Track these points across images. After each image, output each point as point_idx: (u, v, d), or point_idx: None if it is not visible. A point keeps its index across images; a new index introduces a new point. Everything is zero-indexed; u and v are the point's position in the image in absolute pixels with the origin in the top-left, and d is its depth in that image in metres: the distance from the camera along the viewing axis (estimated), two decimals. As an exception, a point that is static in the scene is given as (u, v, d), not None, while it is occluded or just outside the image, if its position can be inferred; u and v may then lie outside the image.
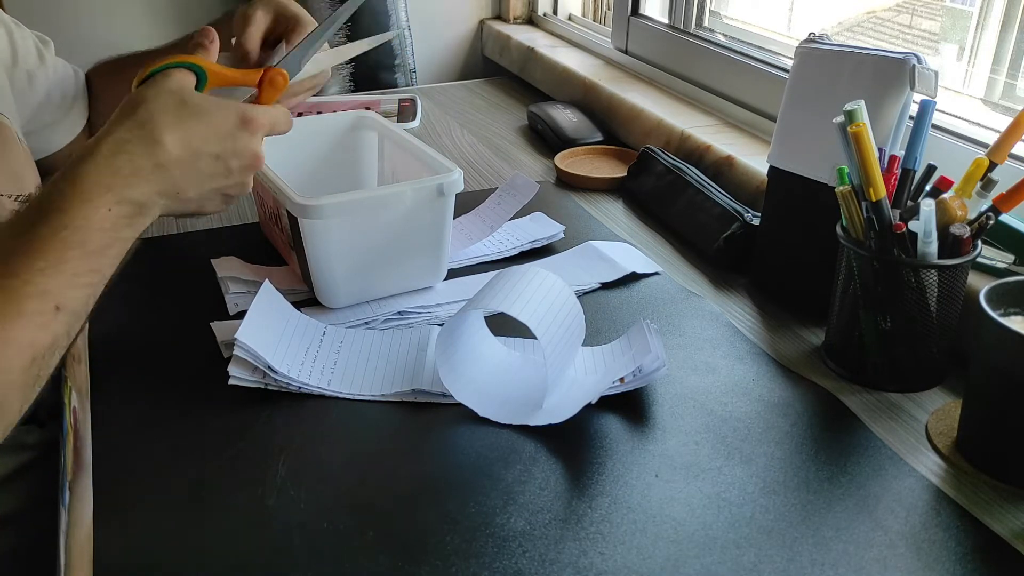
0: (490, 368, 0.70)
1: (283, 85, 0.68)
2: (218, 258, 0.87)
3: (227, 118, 0.62)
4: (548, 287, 0.67)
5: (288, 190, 0.74)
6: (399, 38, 1.50)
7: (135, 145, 0.58)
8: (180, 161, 0.60)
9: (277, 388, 0.68)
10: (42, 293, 0.53)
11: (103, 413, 0.66)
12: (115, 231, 0.57)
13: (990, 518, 0.57)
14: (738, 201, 0.92)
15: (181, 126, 0.60)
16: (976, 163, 0.65)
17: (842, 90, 0.73)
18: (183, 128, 0.60)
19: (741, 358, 0.74)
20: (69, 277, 0.54)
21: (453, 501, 0.58)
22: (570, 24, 1.58)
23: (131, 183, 0.57)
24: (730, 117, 1.14)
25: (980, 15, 0.97)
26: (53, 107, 0.87)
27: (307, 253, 0.75)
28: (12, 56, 0.82)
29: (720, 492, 0.59)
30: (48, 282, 0.53)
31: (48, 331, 0.54)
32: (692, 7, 1.27)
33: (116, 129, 0.59)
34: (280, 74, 0.68)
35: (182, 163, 0.60)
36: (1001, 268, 0.72)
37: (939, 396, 0.69)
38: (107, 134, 0.58)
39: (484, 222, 0.93)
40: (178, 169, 0.60)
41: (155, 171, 0.59)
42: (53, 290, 0.53)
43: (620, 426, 0.65)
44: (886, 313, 0.67)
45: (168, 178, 0.59)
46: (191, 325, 0.76)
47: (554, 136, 1.21)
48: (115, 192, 0.57)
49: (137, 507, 0.58)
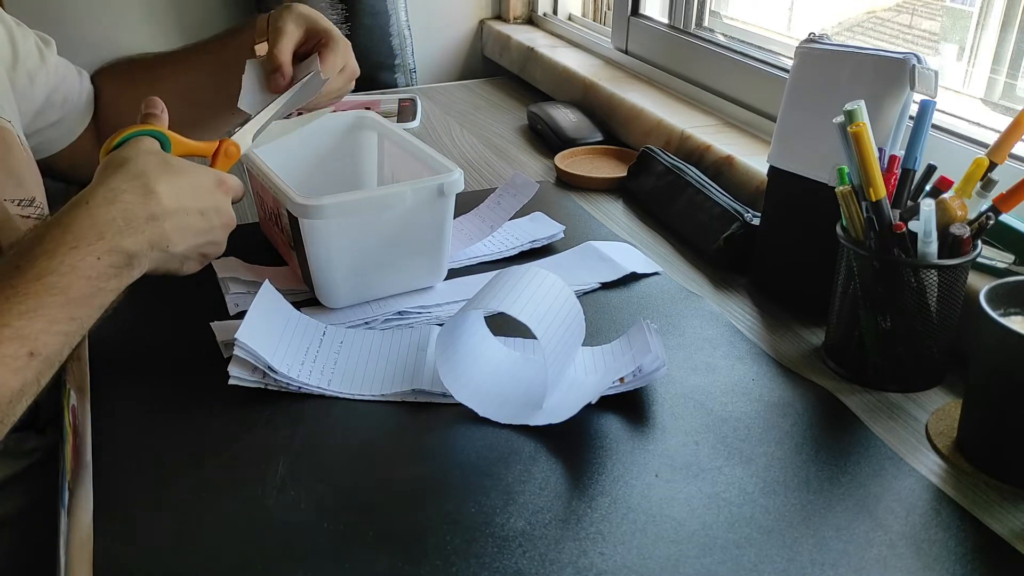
0: (490, 368, 0.70)
1: (236, 155, 0.73)
2: (218, 258, 0.86)
3: (207, 178, 0.65)
4: (548, 287, 0.67)
5: (288, 190, 0.74)
6: (399, 38, 1.50)
7: (131, 195, 0.59)
8: (172, 213, 0.61)
9: (277, 388, 0.68)
10: (18, 338, 0.52)
11: (103, 413, 0.66)
12: (100, 280, 0.57)
13: (990, 518, 0.57)
14: (738, 201, 0.92)
15: (171, 180, 0.61)
16: (976, 163, 0.65)
17: (842, 90, 0.73)
18: (173, 183, 0.61)
19: (741, 358, 0.74)
20: (47, 323, 0.54)
21: (453, 501, 0.58)
22: (570, 24, 1.58)
23: (125, 233, 0.58)
24: (730, 117, 1.14)
25: (980, 15, 0.97)
26: (54, 108, 0.87)
27: (307, 253, 0.75)
28: (13, 56, 0.82)
29: (720, 492, 0.59)
30: (26, 326, 0.53)
31: (19, 376, 0.53)
32: (692, 7, 1.27)
33: (108, 180, 0.59)
34: (233, 144, 0.73)
35: (174, 216, 0.61)
36: (1001, 268, 0.72)
37: (939, 396, 0.69)
38: (99, 184, 0.59)
39: (484, 222, 0.93)
40: (169, 222, 0.61)
41: (149, 222, 0.59)
42: (30, 335, 0.53)
43: (620, 426, 0.65)
44: (886, 313, 0.67)
45: (160, 230, 0.60)
46: (191, 325, 0.76)
47: (554, 136, 1.21)
48: (107, 240, 0.57)
49: (137, 507, 0.58)
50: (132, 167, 0.60)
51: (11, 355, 0.52)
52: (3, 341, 0.52)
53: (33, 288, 0.53)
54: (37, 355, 0.53)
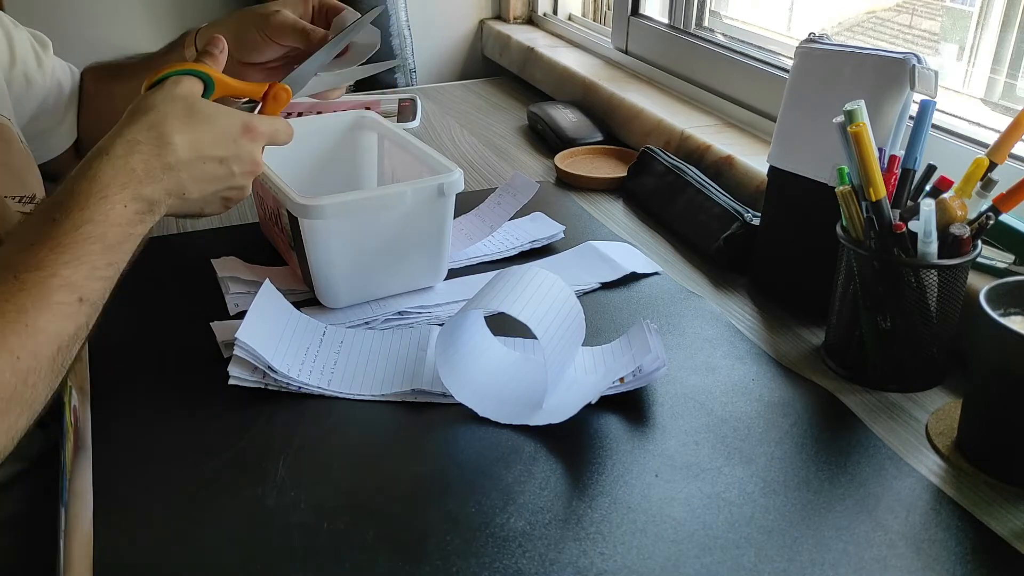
0: (490, 368, 0.70)
1: (286, 100, 0.71)
2: (218, 258, 0.87)
3: (232, 125, 0.65)
4: (548, 287, 0.67)
5: (288, 190, 0.74)
6: (399, 38, 1.50)
7: (147, 146, 0.61)
8: (188, 163, 0.62)
9: (277, 388, 0.68)
10: (68, 285, 0.56)
11: (103, 413, 0.66)
12: (130, 227, 0.60)
13: (990, 518, 0.57)
14: (738, 201, 0.92)
15: (190, 130, 0.62)
16: (976, 163, 0.65)
17: (842, 90, 0.73)
18: (191, 132, 0.62)
19: (741, 358, 0.74)
20: (90, 270, 0.57)
21: (453, 501, 0.58)
22: (570, 24, 1.58)
23: (144, 182, 0.60)
24: (730, 117, 1.14)
25: (980, 15, 0.97)
26: (48, 112, 0.86)
27: (307, 253, 0.75)
28: (10, 58, 0.82)
29: (720, 492, 0.59)
30: (72, 275, 0.56)
31: (72, 321, 0.56)
32: (692, 7, 1.27)
33: (127, 130, 0.61)
34: (284, 89, 0.71)
35: (190, 165, 0.63)
36: (1001, 268, 0.72)
37: (939, 396, 0.69)
38: (119, 135, 0.61)
39: (484, 222, 0.93)
40: (185, 171, 0.62)
41: (165, 171, 0.61)
42: (77, 282, 0.56)
43: (620, 426, 0.65)
44: (886, 313, 0.67)
45: (176, 179, 0.62)
46: (191, 325, 0.76)
47: (554, 136, 1.21)
48: (130, 190, 0.59)
49: (137, 507, 0.58)
50: (153, 115, 0.62)
51: (64, 302, 0.55)
52: (54, 290, 0.55)
53: (72, 238, 0.56)
54: (86, 300, 0.57)
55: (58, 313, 0.55)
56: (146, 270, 0.85)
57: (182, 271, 0.87)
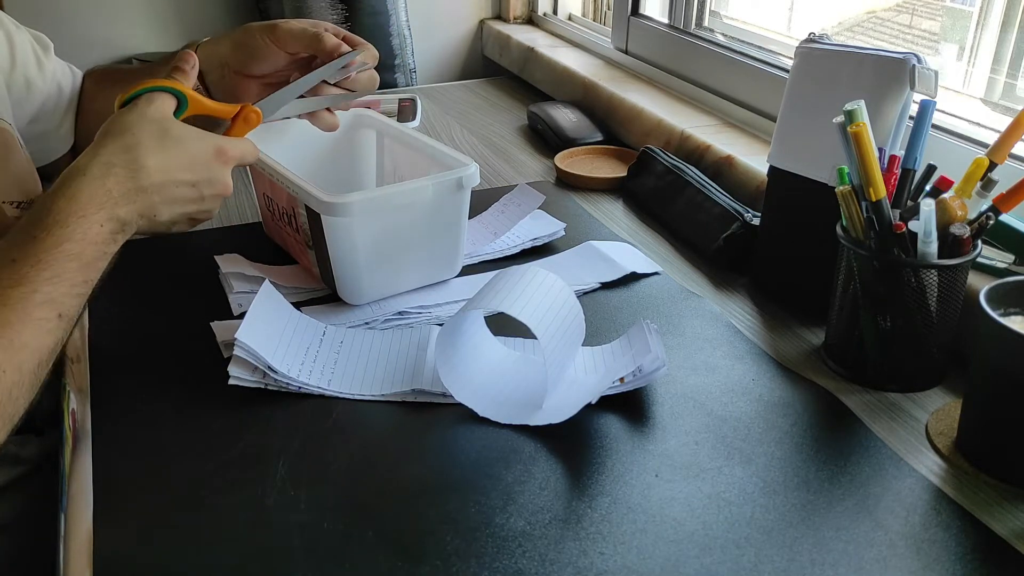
0: (490, 368, 0.70)
1: (256, 122, 0.72)
2: (222, 255, 0.86)
3: (204, 149, 0.66)
4: (548, 287, 0.67)
5: (312, 188, 0.74)
6: (399, 38, 1.50)
7: (121, 169, 0.62)
8: (160, 187, 0.64)
9: (277, 388, 0.68)
10: (49, 302, 0.58)
11: (103, 413, 0.66)
12: (104, 245, 0.62)
13: (990, 518, 0.57)
14: (738, 201, 0.92)
15: (162, 154, 0.64)
16: (976, 163, 0.65)
17: (842, 90, 0.73)
18: (164, 156, 0.64)
19: (741, 358, 0.74)
20: (69, 287, 0.59)
21: (453, 501, 0.58)
22: (570, 24, 1.58)
23: (119, 203, 0.62)
24: (730, 117, 1.14)
25: (980, 15, 0.97)
26: (46, 116, 0.86)
27: (330, 250, 0.76)
28: (11, 61, 0.81)
29: (720, 492, 0.59)
30: (53, 291, 0.58)
31: (53, 336, 0.58)
32: (692, 7, 1.27)
33: (103, 152, 0.63)
34: (255, 111, 0.72)
35: (161, 189, 0.64)
36: (1001, 268, 0.72)
37: (939, 396, 0.69)
38: (95, 155, 0.63)
39: (487, 228, 0.93)
40: (157, 194, 0.64)
41: (139, 194, 0.63)
42: (57, 299, 0.58)
43: (620, 426, 0.65)
44: (886, 313, 0.67)
45: (148, 201, 0.64)
46: (191, 325, 0.76)
47: (554, 136, 1.21)
48: (106, 210, 0.61)
49: (137, 507, 0.58)
50: (128, 138, 0.63)
51: (44, 318, 0.57)
52: (36, 306, 0.57)
53: (53, 256, 0.58)
54: (64, 316, 0.59)
55: (40, 328, 0.57)
56: (147, 270, 0.86)
57: (183, 271, 0.87)
